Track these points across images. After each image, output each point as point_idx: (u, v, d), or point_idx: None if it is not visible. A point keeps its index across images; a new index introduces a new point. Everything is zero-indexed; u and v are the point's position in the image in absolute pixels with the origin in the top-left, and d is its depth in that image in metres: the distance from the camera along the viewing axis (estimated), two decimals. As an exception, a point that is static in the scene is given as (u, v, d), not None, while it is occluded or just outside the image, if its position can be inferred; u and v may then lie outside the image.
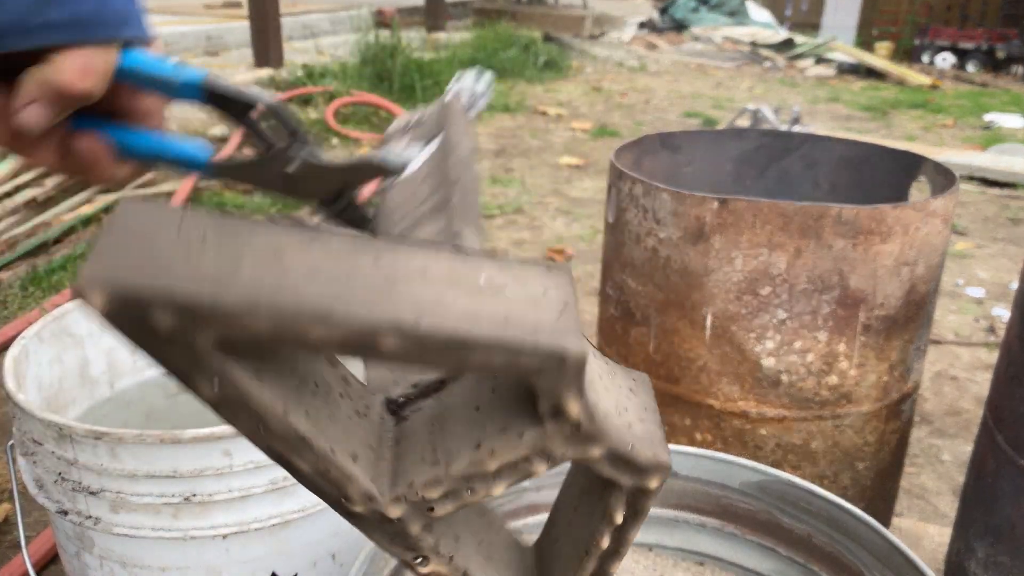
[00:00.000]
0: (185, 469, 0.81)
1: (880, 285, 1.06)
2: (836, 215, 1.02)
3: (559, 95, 6.16)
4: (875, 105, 6.19)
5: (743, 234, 1.05)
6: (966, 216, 3.64)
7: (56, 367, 1.05)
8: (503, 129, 4.96)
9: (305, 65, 5.28)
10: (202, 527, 0.83)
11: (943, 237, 1.11)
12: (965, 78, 8.57)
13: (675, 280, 1.12)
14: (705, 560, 0.94)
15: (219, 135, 4.17)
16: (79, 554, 0.89)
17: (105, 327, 0.29)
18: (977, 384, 2.18)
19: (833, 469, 1.17)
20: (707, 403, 1.15)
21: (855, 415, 1.14)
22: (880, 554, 0.80)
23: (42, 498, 0.88)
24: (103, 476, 0.81)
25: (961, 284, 2.87)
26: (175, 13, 7.58)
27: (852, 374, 1.10)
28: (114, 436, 0.79)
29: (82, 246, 2.73)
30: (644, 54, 8.48)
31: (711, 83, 7.13)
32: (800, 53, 8.50)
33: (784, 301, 1.06)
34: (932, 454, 1.87)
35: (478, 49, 6.60)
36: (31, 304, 2.40)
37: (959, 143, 5.05)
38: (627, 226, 1.18)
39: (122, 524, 0.83)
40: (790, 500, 0.88)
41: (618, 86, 6.68)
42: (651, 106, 5.91)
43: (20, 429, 0.88)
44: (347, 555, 0.94)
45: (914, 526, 1.49)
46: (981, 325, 2.55)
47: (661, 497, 0.95)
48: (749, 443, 1.15)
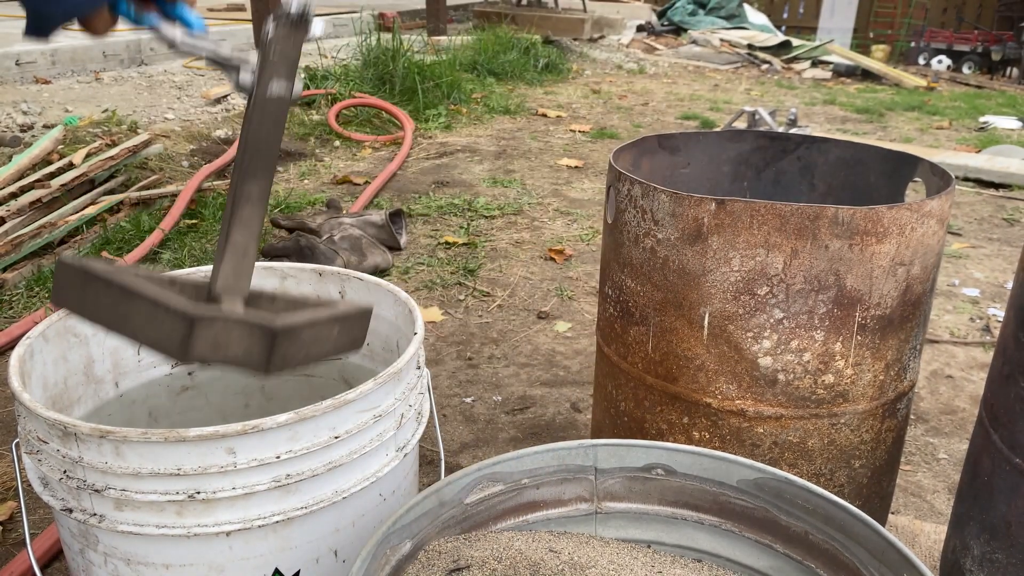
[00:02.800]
0: (189, 467, 0.81)
1: (876, 285, 1.07)
2: (833, 216, 1.03)
3: (559, 97, 6.17)
4: (871, 107, 6.21)
5: (740, 235, 1.06)
6: (962, 217, 3.66)
7: (61, 366, 1.05)
8: (503, 131, 4.97)
9: (307, 67, 5.29)
10: (206, 524, 0.84)
11: (939, 238, 1.12)
12: (961, 80, 8.59)
13: (673, 280, 1.13)
14: (703, 557, 0.95)
15: (222, 136, 4.17)
16: (83, 551, 0.90)
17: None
18: (973, 383, 2.19)
19: (830, 467, 1.18)
20: (705, 402, 1.16)
21: (851, 414, 1.15)
22: (876, 551, 0.81)
23: (47, 496, 0.88)
24: (107, 474, 0.82)
25: (957, 284, 2.88)
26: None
27: (848, 373, 1.12)
28: (119, 435, 0.80)
29: (87, 247, 2.74)
30: (643, 57, 8.50)
31: (709, 85, 7.15)
32: (797, 56, 8.52)
33: (781, 301, 1.07)
34: (928, 452, 1.88)
35: (478, 52, 6.61)
36: (36, 304, 2.41)
37: (955, 145, 5.07)
38: (626, 227, 1.19)
39: (126, 522, 0.84)
40: (787, 498, 0.89)
41: (617, 88, 6.70)
42: (650, 108, 5.93)
43: (25, 428, 0.89)
44: (349, 552, 0.95)
45: (910, 524, 1.50)
46: (977, 324, 2.56)
47: (659, 494, 0.96)
48: (746, 441, 1.16)
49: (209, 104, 4.79)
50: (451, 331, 2.41)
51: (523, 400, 2.04)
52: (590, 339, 2.38)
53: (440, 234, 3.17)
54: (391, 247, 2.93)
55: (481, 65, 6.44)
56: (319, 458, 0.87)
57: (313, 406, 0.84)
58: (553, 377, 2.17)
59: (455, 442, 1.86)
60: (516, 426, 1.93)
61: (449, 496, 0.88)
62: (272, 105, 0.81)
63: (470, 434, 1.89)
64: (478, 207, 3.48)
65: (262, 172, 0.82)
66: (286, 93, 0.81)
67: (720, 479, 0.93)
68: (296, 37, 0.80)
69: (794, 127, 3.41)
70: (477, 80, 6.16)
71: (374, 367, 1.22)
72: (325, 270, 1.23)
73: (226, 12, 7.99)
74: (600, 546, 0.90)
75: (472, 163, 4.21)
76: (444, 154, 4.36)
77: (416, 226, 3.26)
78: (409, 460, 1.01)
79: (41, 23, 0.77)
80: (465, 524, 0.90)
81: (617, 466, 0.95)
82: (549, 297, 2.66)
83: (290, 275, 1.24)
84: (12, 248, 2.58)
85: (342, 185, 3.73)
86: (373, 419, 0.90)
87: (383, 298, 1.17)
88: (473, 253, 3.01)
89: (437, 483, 0.87)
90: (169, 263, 2.69)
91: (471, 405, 2.01)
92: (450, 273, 2.81)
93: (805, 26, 12.17)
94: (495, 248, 3.07)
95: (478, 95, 5.74)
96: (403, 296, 1.13)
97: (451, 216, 3.39)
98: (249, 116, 0.81)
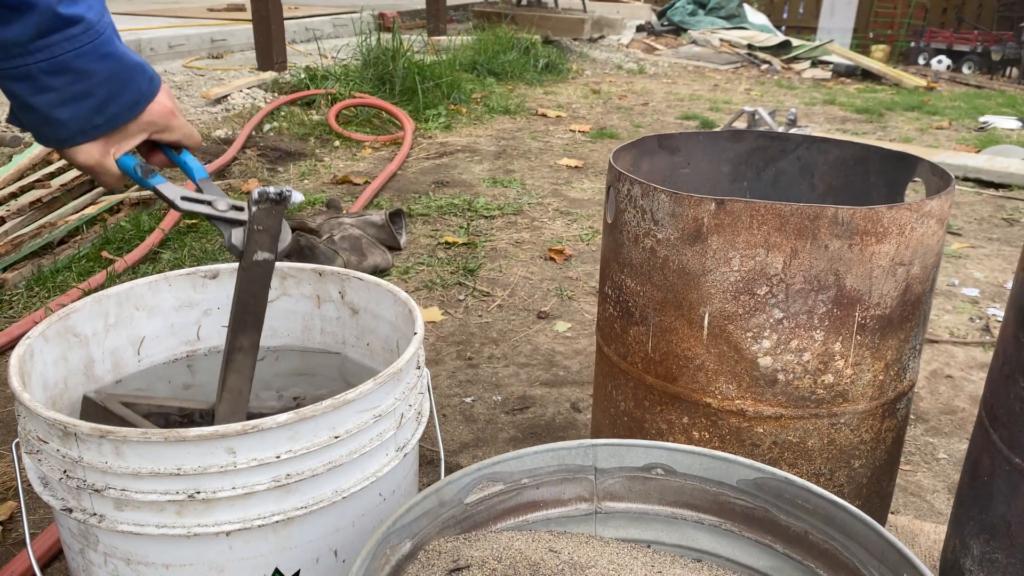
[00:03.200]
0: (189, 467, 0.81)
1: (876, 285, 1.07)
2: (832, 216, 1.03)
3: (559, 97, 6.17)
4: (871, 107, 6.21)
5: (740, 235, 1.06)
6: (961, 217, 3.66)
7: (61, 366, 1.05)
8: (503, 131, 4.97)
9: (308, 68, 5.30)
10: (206, 524, 0.84)
11: (938, 237, 1.12)
12: (960, 80, 8.59)
13: (673, 280, 1.13)
14: (703, 557, 0.95)
15: (222, 136, 4.17)
16: (83, 551, 0.90)
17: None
18: (972, 383, 2.19)
19: (829, 467, 1.18)
20: (704, 401, 1.16)
21: (851, 414, 1.15)
22: (876, 551, 0.81)
23: (47, 496, 0.88)
24: (107, 474, 0.82)
25: (957, 284, 2.88)
26: (179, 16, 7.58)
27: (848, 373, 1.12)
28: (119, 435, 0.80)
29: (87, 247, 2.74)
30: (642, 57, 8.50)
31: (708, 85, 7.15)
32: (797, 56, 8.52)
33: (781, 301, 1.07)
34: (928, 452, 1.88)
35: (478, 52, 6.61)
36: (36, 304, 2.41)
37: (954, 145, 5.07)
38: (625, 227, 1.19)
39: (126, 521, 0.84)
40: (787, 498, 0.89)
41: (617, 88, 6.70)
42: (649, 108, 5.93)
43: (25, 427, 0.89)
44: (349, 551, 0.95)
45: (910, 523, 1.50)
46: (976, 324, 2.56)
47: (659, 494, 0.96)
48: (746, 441, 1.16)
49: (209, 104, 4.79)
50: (451, 331, 2.41)
51: (523, 400, 2.04)
52: (590, 339, 2.38)
53: (440, 234, 3.17)
54: (391, 247, 2.94)
55: (481, 65, 6.44)
56: (319, 458, 0.87)
57: (313, 406, 0.85)
58: (553, 377, 2.17)
59: (455, 442, 1.86)
60: (516, 426, 1.93)
61: (449, 496, 0.88)
62: (258, 268, 0.96)
63: (470, 434, 1.89)
64: (478, 207, 3.48)
65: (252, 326, 0.98)
66: (270, 257, 0.96)
67: (720, 479, 0.93)
68: (277, 211, 0.94)
69: (794, 127, 3.41)
70: (477, 80, 6.16)
71: (374, 367, 1.22)
72: (325, 270, 1.23)
73: (226, 12, 8.00)
74: (600, 546, 0.90)
75: (472, 163, 4.21)
76: (444, 154, 4.36)
77: (416, 226, 3.26)
78: (409, 460, 1.01)
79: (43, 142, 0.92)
80: (465, 524, 0.90)
81: (617, 466, 0.95)
82: (549, 297, 2.66)
83: (290, 275, 1.24)
84: (12, 248, 2.58)
85: (342, 185, 3.73)
86: (373, 419, 0.91)
87: (383, 298, 1.17)
88: (473, 253, 3.01)
89: (437, 483, 0.87)
90: (169, 263, 2.69)
91: (471, 405, 2.01)
92: (450, 273, 2.81)
93: (805, 26, 12.17)
94: (495, 248, 3.07)
95: (478, 95, 5.74)
96: (403, 296, 1.13)
97: (451, 216, 3.39)
98: (240, 277, 0.96)
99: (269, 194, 0.93)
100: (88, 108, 0.85)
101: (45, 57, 0.80)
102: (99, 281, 2.48)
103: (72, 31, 0.81)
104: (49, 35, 0.80)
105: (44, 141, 0.90)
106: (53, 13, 0.79)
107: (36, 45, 0.80)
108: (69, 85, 0.83)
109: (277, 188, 0.93)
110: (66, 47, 0.81)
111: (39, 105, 0.84)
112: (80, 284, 2.47)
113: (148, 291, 1.18)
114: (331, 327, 1.26)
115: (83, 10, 0.82)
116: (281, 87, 5.18)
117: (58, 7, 0.79)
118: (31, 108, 0.84)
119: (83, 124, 0.87)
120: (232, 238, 0.95)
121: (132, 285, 1.16)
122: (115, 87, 0.86)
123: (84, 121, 0.86)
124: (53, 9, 0.79)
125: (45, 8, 0.78)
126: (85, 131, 0.88)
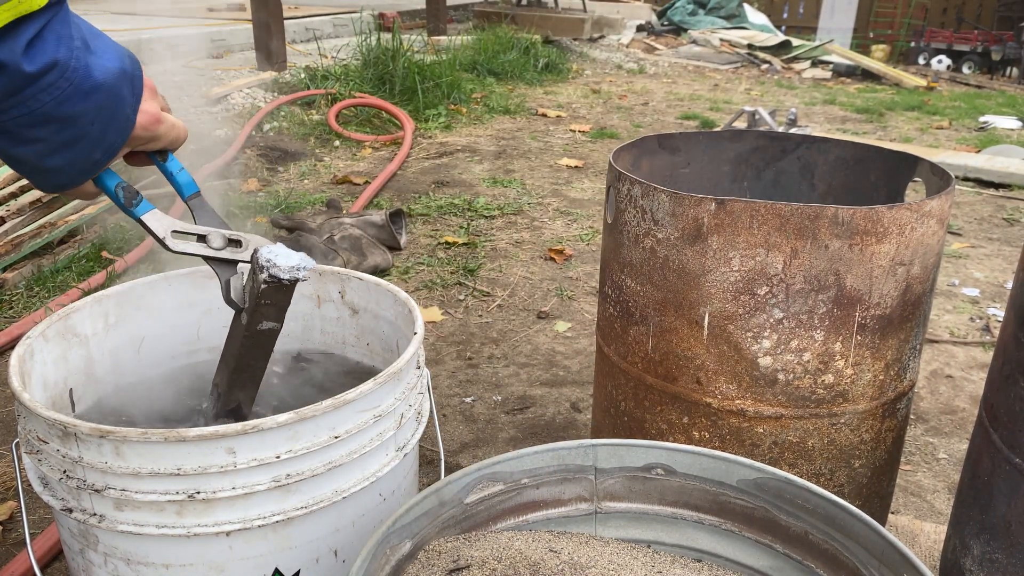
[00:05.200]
0: (189, 467, 0.81)
1: (876, 285, 1.07)
2: (832, 216, 1.03)
3: (559, 97, 6.17)
4: (871, 107, 6.21)
5: (740, 235, 1.06)
6: (961, 216, 3.66)
7: (61, 366, 1.05)
8: (503, 131, 4.97)
9: (308, 67, 5.30)
10: (206, 524, 0.84)
11: (939, 237, 1.12)
12: (961, 80, 8.59)
13: (673, 280, 1.13)
14: (703, 557, 0.95)
15: (221, 136, 4.17)
16: (83, 551, 0.90)
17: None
18: (972, 383, 2.19)
19: (829, 467, 1.18)
20: (704, 401, 1.16)
21: (851, 413, 1.15)
22: (876, 551, 0.81)
23: (47, 496, 0.88)
24: (107, 474, 0.82)
25: (957, 284, 2.88)
26: (179, 16, 7.59)
27: (848, 373, 1.12)
28: (119, 435, 0.80)
29: (86, 247, 2.74)
30: (643, 57, 8.50)
31: (709, 85, 7.15)
32: (797, 55, 8.52)
33: (781, 301, 1.07)
34: (928, 452, 1.88)
35: (478, 52, 6.61)
36: (36, 304, 2.41)
37: (955, 144, 5.07)
38: (626, 227, 1.19)
39: (126, 521, 0.84)
40: (787, 498, 0.89)
41: (617, 88, 6.70)
42: (649, 108, 5.93)
43: (25, 427, 0.89)
44: (349, 551, 0.95)
45: (910, 523, 1.50)
46: (976, 324, 2.56)
47: (659, 494, 0.96)
48: (746, 441, 1.16)
49: (209, 104, 4.79)
50: (451, 331, 2.41)
51: (523, 400, 2.04)
52: (590, 339, 2.38)
53: (440, 234, 3.17)
54: (391, 247, 2.93)
55: (481, 65, 6.44)
56: (319, 458, 0.87)
57: (313, 406, 0.84)
58: (553, 377, 2.17)
59: (455, 442, 1.86)
60: (516, 426, 1.93)
61: (449, 496, 0.88)
62: (263, 337, 0.90)
63: (470, 434, 1.89)
64: (478, 207, 3.48)
65: (250, 385, 0.96)
66: (276, 327, 0.89)
67: (720, 479, 0.93)
68: (286, 291, 0.86)
69: (794, 127, 3.41)
70: (477, 80, 6.16)
71: (374, 367, 1.22)
72: (325, 270, 1.23)
73: (226, 12, 8.00)
74: (600, 546, 0.90)
75: (472, 163, 4.21)
76: (444, 154, 4.36)
77: (416, 226, 3.26)
78: (409, 460, 1.01)
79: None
80: (465, 524, 0.90)
81: (617, 466, 0.95)
82: (549, 297, 2.66)
83: (290, 275, 1.24)
84: (12, 248, 2.58)
85: (342, 185, 3.73)
86: (373, 419, 0.91)
87: (383, 298, 1.17)
88: (473, 253, 3.00)
89: (437, 483, 0.87)
90: (169, 263, 2.69)
91: (471, 405, 2.01)
92: (450, 273, 2.81)
93: (805, 26, 12.18)
94: (495, 248, 3.07)
95: (478, 95, 5.74)
96: (403, 296, 1.13)
97: (451, 216, 3.39)
98: (242, 342, 0.90)
99: (282, 279, 0.81)
100: (84, 150, 0.76)
101: (23, 112, 0.69)
102: (99, 281, 2.48)
103: (46, 80, 0.69)
104: (21, 91, 0.68)
105: (44, 188, 0.82)
106: (20, 74, 0.67)
107: (8, 103, 0.69)
108: (56, 134, 0.73)
109: (290, 263, 0.81)
110: (44, 99, 0.69)
111: (25, 157, 0.74)
112: (80, 284, 2.47)
113: (148, 291, 1.18)
114: (331, 327, 1.26)
115: (51, 51, 0.68)
116: (281, 87, 5.18)
117: (24, 67, 0.66)
118: (18, 160, 0.75)
119: (82, 166, 0.78)
120: (231, 291, 0.85)
121: (132, 285, 1.16)
122: (107, 115, 0.75)
123: (83, 162, 0.78)
124: (20, 69, 0.66)
125: (13, 70, 0.66)
126: (86, 171, 0.79)
